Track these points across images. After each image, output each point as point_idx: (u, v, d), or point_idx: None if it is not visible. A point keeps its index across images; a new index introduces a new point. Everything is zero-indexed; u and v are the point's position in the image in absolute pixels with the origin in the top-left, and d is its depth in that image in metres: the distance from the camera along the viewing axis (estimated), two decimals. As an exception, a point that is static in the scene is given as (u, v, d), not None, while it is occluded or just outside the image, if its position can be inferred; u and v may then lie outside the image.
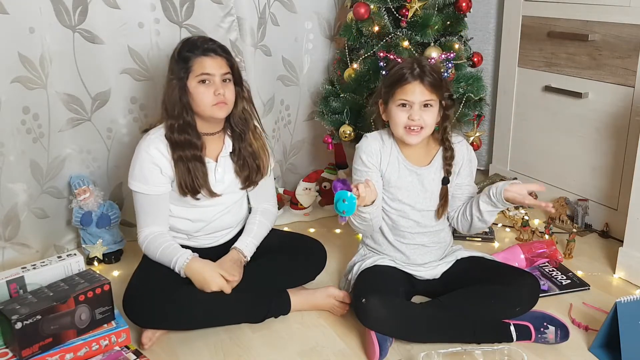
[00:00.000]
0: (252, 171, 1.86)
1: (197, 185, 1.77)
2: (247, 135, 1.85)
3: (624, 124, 2.25)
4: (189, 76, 1.72)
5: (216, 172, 1.82)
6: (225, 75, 1.74)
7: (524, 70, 2.64)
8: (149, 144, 1.75)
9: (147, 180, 1.76)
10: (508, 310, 1.71)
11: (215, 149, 1.83)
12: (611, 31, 2.24)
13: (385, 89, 1.77)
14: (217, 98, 1.71)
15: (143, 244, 1.81)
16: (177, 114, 1.73)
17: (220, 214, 1.88)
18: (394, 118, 1.74)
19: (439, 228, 1.87)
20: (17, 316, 1.50)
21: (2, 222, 2.12)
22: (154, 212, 1.81)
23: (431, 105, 1.72)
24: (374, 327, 1.64)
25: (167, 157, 1.75)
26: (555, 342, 1.69)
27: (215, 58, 1.72)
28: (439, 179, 1.82)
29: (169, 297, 1.70)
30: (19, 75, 2.02)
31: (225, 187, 1.85)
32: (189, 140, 1.74)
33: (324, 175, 2.67)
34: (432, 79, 1.70)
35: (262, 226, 1.94)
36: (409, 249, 1.85)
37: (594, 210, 2.43)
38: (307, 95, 2.71)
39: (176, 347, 1.73)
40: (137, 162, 1.77)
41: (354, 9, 2.25)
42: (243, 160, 1.85)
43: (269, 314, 1.82)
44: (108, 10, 2.11)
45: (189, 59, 1.71)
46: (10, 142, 2.05)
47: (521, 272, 1.81)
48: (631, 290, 2.01)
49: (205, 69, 1.71)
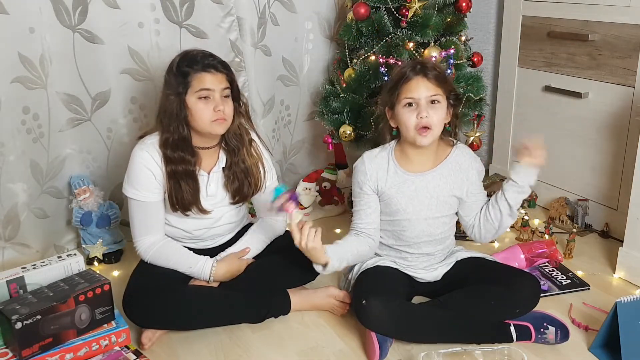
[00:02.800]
0: (242, 186, 1.84)
1: (188, 202, 1.76)
2: (241, 151, 1.83)
3: (624, 124, 2.25)
4: (187, 91, 1.69)
5: (208, 187, 1.81)
6: (225, 91, 1.73)
7: (524, 70, 2.64)
8: (143, 150, 1.74)
9: (142, 186, 1.75)
10: (508, 311, 1.70)
11: (209, 163, 1.83)
12: (611, 31, 2.24)
13: (389, 92, 1.73)
14: (217, 114, 1.70)
15: (147, 254, 1.80)
16: (172, 129, 1.72)
17: (212, 224, 1.88)
18: (403, 120, 1.69)
19: (445, 235, 1.84)
20: (17, 316, 1.50)
21: (2, 222, 2.12)
22: (151, 219, 1.80)
23: (438, 102, 1.68)
24: (374, 328, 1.63)
25: (160, 166, 1.74)
26: (556, 342, 1.69)
27: (215, 74, 1.70)
28: (446, 185, 1.77)
29: (168, 297, 1.70)
30: (19, 75, 2.02)
31: (216, 202, 1.84)
32: (182, 157, 1.73)
33: (324, 175, 2.67)
34: (436, 72, 1.68)
35: (256, 240, 1.93)
36: (414, 257, 1.84)
37: (594, 210, 2.43)
38: (307, 95, 2.71)
39: (176, 347, 1.73)
40: (132, 169, 1.76)
41: (354, 9, 2.25)
42: (234, 175, 1.83)
43: (269, 314, 1.82)
44: (108, 10, 2.11)
45: (188, 74, 1.69)
46: (10, 142, 2.05)
47: (522, 273, 1.80)
48: (631, 290, 2.01)
49: (206, 84, 1.69)
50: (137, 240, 1.81)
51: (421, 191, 1.77)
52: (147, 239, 1.80)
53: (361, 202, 1.81)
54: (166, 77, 1.74)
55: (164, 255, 1.80)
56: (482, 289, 1.72)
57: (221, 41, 2.33)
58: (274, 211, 1.70)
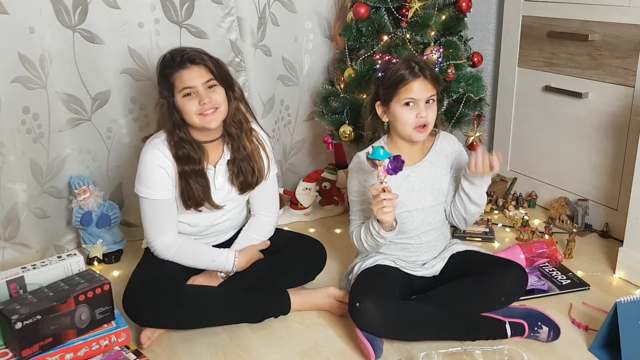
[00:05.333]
0: (248, 174, 1.85)
1: (200, 199, 1.78)
2: (242, 138, 1.84)
3: (624, 124, 2.25)
4: (174, 93, 1.71)
5: (216, 180, 1.82)
6: (208, 82, 1.72)
7: (524, 70, 2.64)
8: (154, 148, 1.75)
9: (156, 185, 1.75)
10: (493, 300, 1.72)
11: (215, 156, 1.83)
12: (611, 31, 2.24)
13: (385, 91, 1.76)
14: (203, 107, 1.70)
15: (167, 253, 1.80)
16: (172, 132, 1.74)
17: (219, 219, 1.89)
18: (402, 119, 1.73)
19: (441, 224, 1.87)
20: (17, 316, 1.50)
21: (2, 222, 2.12)
22: (165, 218, 1.80)
23: (433, 101, 1.75)
24: (367, 329, 1.64)
25: (172, 162, 1.75)
26: (547, 341, 1.71)
27: (192, 68, 1.69)
28: (437, 172, 1.83)
29: (168, 297, 1.71)
30: (19, 75, 2.02)
31: (225, 194, 1.85)
32: (187, 155, 1.74)
33: (324, 175, 2.67)
34: (433, 73, 1.75)
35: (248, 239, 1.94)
36: (415, 248, 1.85)
37: (594, 210, 2.43)
38: (307, 95, 2.71)
39: (176, 347, 1.73)
40: (143, 169, 1.75)
41: (354, 9, 2.25)
42: (238, 167, 1.84)
43: (269, 314, 1.82)
44: (108, 10, 2.11)
45: (169, 75, 1.70)
46: (10, 142, 2.05)
47: (508, 262, 1.82)
48: (631, 290, 2.01)
49: (185, 82, 1.69)
50: (152, 241, 1.81)
51: (416, 182, 1.81)
52: (162, 239, 1.80)
53: (358, 201, 1.83)
54: (157, 85, 1.76)
55: (186, 253, 1.82)
56: (466, 280, 1.74)
57: (221, 41, 2.33)
58: (365, 165, 1.68)
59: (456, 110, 2.26)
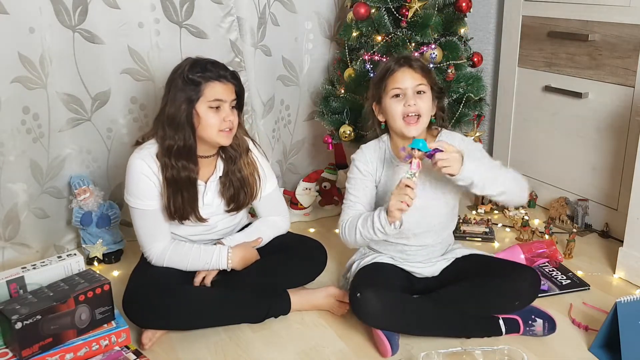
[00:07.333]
0: (238, 194, 1.85)
1: (185, 211, 1.77)
2: (239, 161, 1.84)
3: (624, 124, 2.25)
4: (199, 100, 1.69)
5: (205, 196, 1.82)
6: (233, 102, 1.74)
7: (524, 70, 2.64)
8: (139, 159, 1.74)
9: (144, 195, 1.75)
10: (508, 304, 1.71)
11: (207, 172, 1.83)
12: (611, 31, 2.24)
13: (375, 87, 1.77)
14: (226, 124, 1.71)
15: (161, 260, 1.80)
16: (178, 137, 1.71)
17: (208, 230, 1.89)
18: (391, 111, 1.72)
19: (443, 227, 1.85)
20: (17, 316, 1.50)
21: (2, 222, 2.12)
22: (157, 226, 1.80)
23: (424, 92, 1.72)
24: (368, 321, 1.65)
25: (157, 175, 1.74)
26: (544, 334, 1.71)
27: (227, 84, 1.71)
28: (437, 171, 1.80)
29: (168, 297, 1.70)
30: (19, 75, 2.02)
31: (213, 210, 1.85)
32: (184, 166, 1.73)
33: (324, 175, 2.67)
34: (420, 63, 1.74)
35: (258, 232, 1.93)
36: (412, 250, 1.85)
37: (594, 210, 2.43)
38: (307, 95, 2.71)
39: (176, 347, 1.73)
40: (130, 179, 1.75)
41: (354, 9, 2.25)
42: (229, 182, 1.84)
43: (269, 314, 1.82)
44: (108, 10, 2.11)
45: (200, 82, 1.68)
46: (10, 142, 2.05)
47: (521, 265, 1.81)
48: (631, 290, 2.01)
49: (218, 94, 1.69)
50: (146, 249, 1.81)
51: None
52: (156, 246, 1.80)
53: (357, 187, 1.81)
54: (173, 84, 1.71)
55: (178, 258, 1.80)
56: (481, 282, 1.71)
57: (221, 41, 2.33)
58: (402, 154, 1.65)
59: (456, 110, 2.26)
